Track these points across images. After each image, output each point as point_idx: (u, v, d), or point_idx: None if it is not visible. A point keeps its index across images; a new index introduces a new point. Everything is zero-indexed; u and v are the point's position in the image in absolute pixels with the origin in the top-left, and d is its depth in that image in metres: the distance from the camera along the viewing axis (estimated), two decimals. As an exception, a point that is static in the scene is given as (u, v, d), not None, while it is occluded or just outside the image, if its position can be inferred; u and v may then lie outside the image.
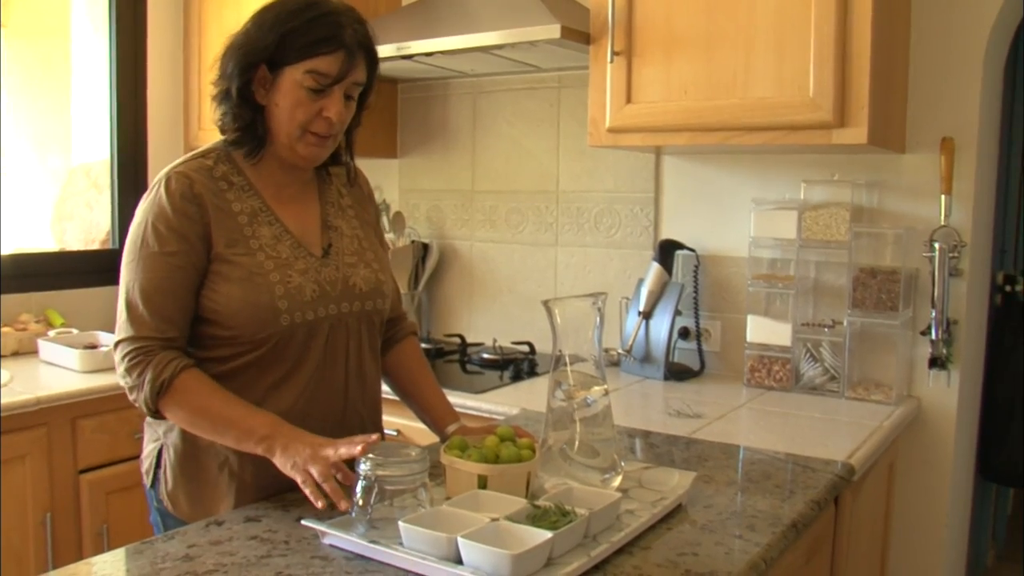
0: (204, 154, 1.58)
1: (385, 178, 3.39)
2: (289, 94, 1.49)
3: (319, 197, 1.66)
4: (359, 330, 1.62)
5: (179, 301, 1.49)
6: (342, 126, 1.55)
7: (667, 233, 2.80)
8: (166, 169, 1.54)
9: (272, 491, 1.52)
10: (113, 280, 1.53)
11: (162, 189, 1.50)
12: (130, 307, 1.48)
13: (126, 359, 1.48)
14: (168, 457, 1.58)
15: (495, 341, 3.03)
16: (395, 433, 2.42)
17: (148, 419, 1.61)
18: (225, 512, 1.49)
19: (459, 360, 2.93)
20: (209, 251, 1.50)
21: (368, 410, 1.67)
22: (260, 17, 1.51)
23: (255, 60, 1.49)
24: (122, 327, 1.49)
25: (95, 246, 3.40)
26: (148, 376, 1.45)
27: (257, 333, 1.50)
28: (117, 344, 1.50)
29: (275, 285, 1.50)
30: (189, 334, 1.54)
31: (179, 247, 1.48)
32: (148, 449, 1.64)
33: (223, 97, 1.54)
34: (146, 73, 3.38)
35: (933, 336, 2.36)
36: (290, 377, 1.54)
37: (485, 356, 2.87)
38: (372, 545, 1.24)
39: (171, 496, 1.58)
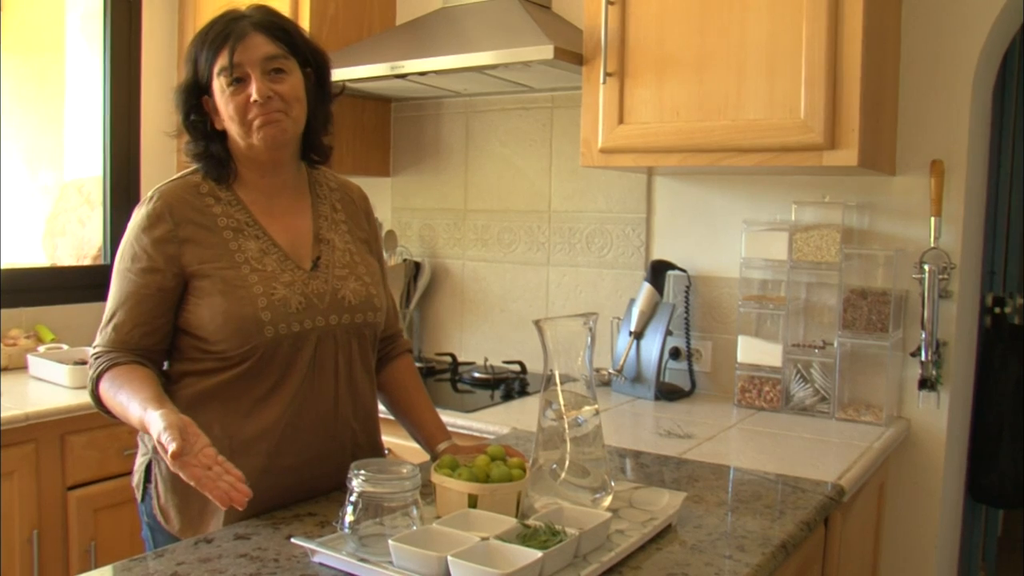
0: (194, 171, 1.62)
1: (377, 196, 3.39)
2: (220, 102, 1.55)
3: (312, 211, 1.67)
4: (349, 343, 1.62)
5: (140, 318, 1.53)
6: (285, 101, 1.55)
7: (658, 253, 2.81)
8: (155, 187, 1.59)
9: (264, 506, 1.52)
10: (103, 296, 1.57)
11: (143, 208, 1.56)
12: (103, 320, 1.56)
13: (89, 366, 1.55)
14: (158, 471, 1.58)
15: (486, 360, 3.03)
16: (386, 452, 2.41)
17: (140, 433, 1.62)
18: (215, 529, 1.49)
19: (450, 379, 2.92)
20: (182, 272, 1.53)
21: (361, 424, 1.66)
22: (186, 54, 1.60)
23: (189, 93, 1.58)
24: (95, 342, 1.57)
25: (87, 262, 3.39)
26: (89, 375, 1.53)
27: (242, 345, 1.50)
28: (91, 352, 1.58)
29: (258, 297, 1.51)
30: (176, 348, 1.58)
31: (147, 266, 1.52)
32: (138, 463, 1.64)
33: (187, 142, 1.62)
34: (140, 89, 3.39)
35: (923, 357, 2.37)
36: (277, 389, 1.54)
37: (476, 375, 2.87)
38: (362, 563, 1.24)
39: (162, 510, 1.58)
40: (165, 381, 1.56)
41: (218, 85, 1.54)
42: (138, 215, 1.55)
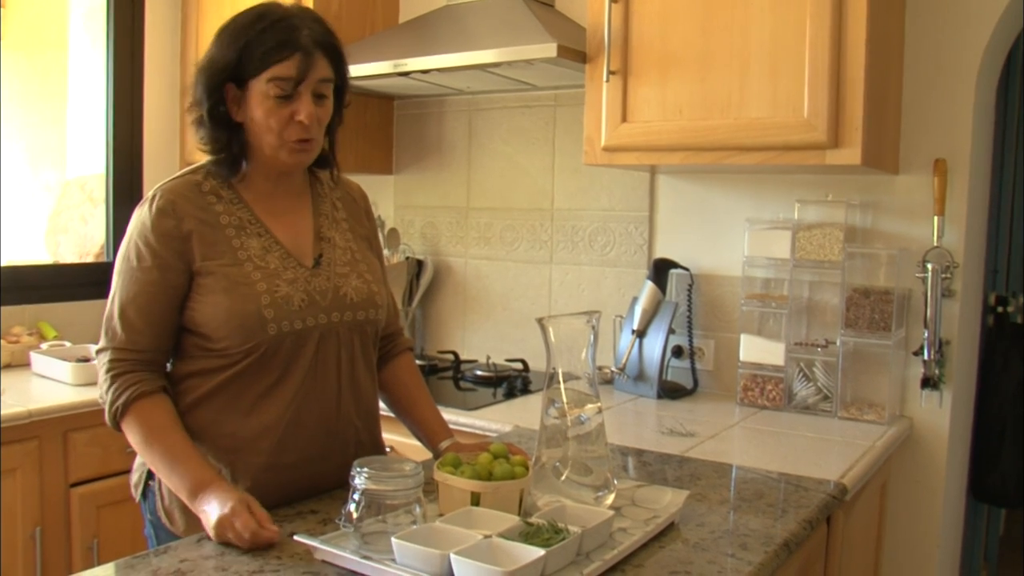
0: (195, 170, 1.61)
1: (380, 194, 3.40)
2: (259, 106, 1.51)
3: (313, 209, 1.67)
4: (351, 340, 1.62)
5: (151, 317, 1.52)
6: (320, 127, 1.56)
7: (661, 252, 2.81)
8: (156, 186, 1.58)
9: (266, 503, 1.51)
10: (106, 294, 1.57)
11: (146, 206, 1.54)
12: (109, 318, 1.54)
13: (101, 372, 1.53)
14: None
15: (489, 358, 3.03)
16: (388, 449, 2.41)
17: None
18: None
19: (453, 377, 2.92)
20: (190, 268, 1.52)
21: (363, 421, 1.66)
22: (219, 37, 1.54)
23: (219, 80, 1.52)
24: (101, 337, 1.55)
25: (89, 259, 3.39)
26: (109, 398, 1.50)
27: (245, 342, 1.50)
28: (97, 353, 1.56)
29: (261, 294, 1.51)
30: (177, 347, 1.57)
31: (155, 264, 1.51)
32: (138, 462, 1.64)
33: (199, 123, 1.57)
34: (143, 87, 3.39)
35: (926, 356, 2.37)
36: (279, 387, 1.54)
37: (479, 373, 2.87)
38: (364, 561, 1.24)
39: (166, 511, 1.58)
40: (169, 384, 1.57)
41: (262, 89, 1.50)
42: (141, 214, 1.54)
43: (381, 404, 1.77)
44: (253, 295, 1.51)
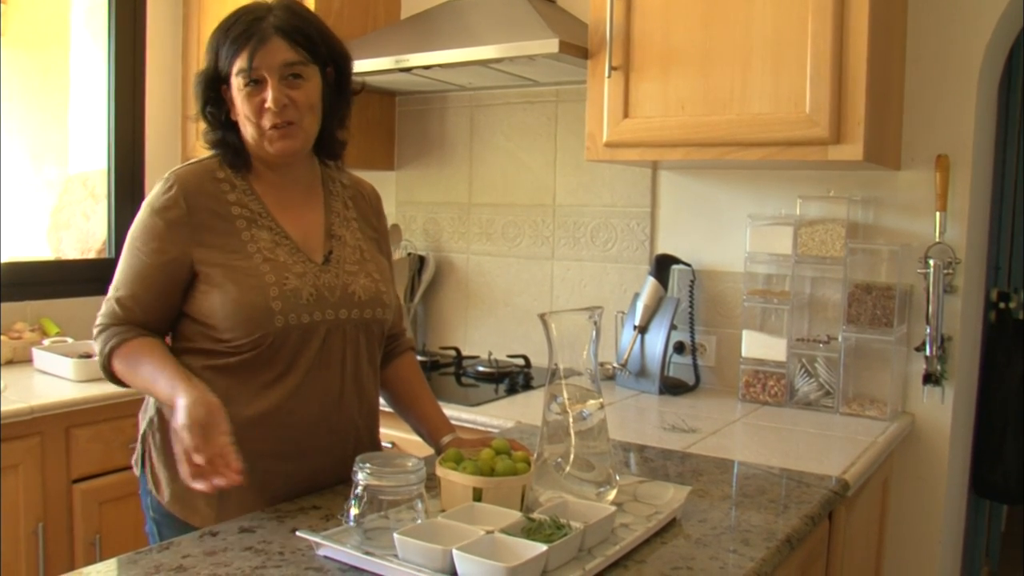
0: (212, 156, 1.63)
1: (382, 190, 3.35)
2: (237, 99, 1.56)
3: (324, 206, 1.68)
4: (357, 337, 1.62)
5: (144, 297, 1.55)
6: (299, 109, 1.56)
7: (663, 248, 2.81)
8: (172, 169, 1.60)
9: (267, 497, 1.52)
10: (108, 290, 1.58)
11: (159, 188, 1.57)
12: (110, 292, 1.58)
13: (96, 338, 1.57)
14: (152, 441, 1.61)
15: (491, 354, 3.03)
16: (390, 445, 2.42)
17: (144, 400, 1.65)
18: (203, 502, 1.52)
19: (455, 373, 2.92)
20: (192, 257, 1.53)
21: (364, 420, 1.67)
22: (208, 43, 1.60)
23: (207, 82, 1.58)
24: (100, 312, 1.58)
25: (91, 255, 3.39)
26: (98, 348, 1.55)
27: (251, 334, 1.51)
28: (94, 329, 1.59)
29: (270, 287, 1.52)
30: (183, 334, 1.59)
31: (159, 246, 1.53)
32: (142, 432, 1.66)
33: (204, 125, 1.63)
34: (144, 83, 3.39)
35: (928, 352, 2.37)
36: (282, 379, 1.54)
37: (481, 369, 2.87)
38: (367, 557, 1.24)
39: (154, 479, 1.60)
40: None
41: (235, 83, 1.54)
42: (154, 197, 1.56)
43: (382, 401, 1.78)
44: (262, 287, 1.51)
